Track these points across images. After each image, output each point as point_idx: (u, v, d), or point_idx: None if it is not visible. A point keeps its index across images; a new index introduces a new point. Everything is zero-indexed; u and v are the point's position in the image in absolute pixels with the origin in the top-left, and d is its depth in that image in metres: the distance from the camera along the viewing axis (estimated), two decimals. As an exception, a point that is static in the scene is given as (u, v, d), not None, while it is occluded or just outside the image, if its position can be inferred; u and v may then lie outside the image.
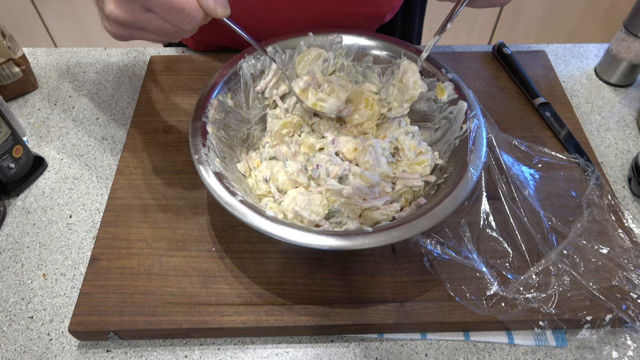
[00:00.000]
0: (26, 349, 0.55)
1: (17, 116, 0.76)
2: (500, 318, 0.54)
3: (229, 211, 0.51)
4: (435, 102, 0.65)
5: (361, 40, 0.69)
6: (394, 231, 0.50)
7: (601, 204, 0.63)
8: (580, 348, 0.55)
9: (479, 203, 0.63)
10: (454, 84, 0.63)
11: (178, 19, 0.47)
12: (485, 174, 0.65)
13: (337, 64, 0.69)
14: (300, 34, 0.68)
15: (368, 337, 0.56)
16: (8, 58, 0.74)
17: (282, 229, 0.50)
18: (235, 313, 0.55)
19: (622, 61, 0.79)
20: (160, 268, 0.58)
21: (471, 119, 0.59)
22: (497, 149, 0.68)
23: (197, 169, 0.54)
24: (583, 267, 0.58)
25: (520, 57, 0.82)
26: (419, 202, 0.58)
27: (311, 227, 0.54)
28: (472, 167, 0.55)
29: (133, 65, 0.84)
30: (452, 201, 0.52)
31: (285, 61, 0.68)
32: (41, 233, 0.63)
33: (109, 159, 0.71)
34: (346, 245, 0.49)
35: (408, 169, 0.62)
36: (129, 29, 0.49)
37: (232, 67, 0.65)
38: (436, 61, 0.65)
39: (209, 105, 0.60)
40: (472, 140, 0.57)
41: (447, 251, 0.58)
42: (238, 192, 0.54)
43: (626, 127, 0.76)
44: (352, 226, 0.57)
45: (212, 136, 0.59)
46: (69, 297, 0.58)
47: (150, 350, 0.55)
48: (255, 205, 0.53)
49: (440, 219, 0.51)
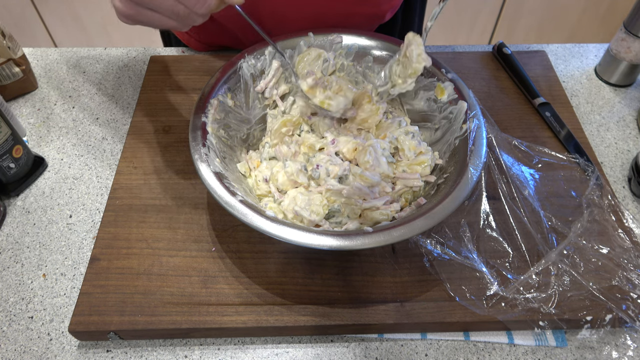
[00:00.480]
0: (26, 349, 0.55)
1: (17, 116, 0.76)
2: (500, 318, 0.54)
3: (229, 211, 0.51)
4: (435, 102, 0.65)
5: (361, 40, 0.69)
6: (394, 231, 0.50)
7: (601, 204, 0.63)
8: (580, 348, 0.55)
9: (479, 203, 0.63)
10: (454, 84, 0.63)
11: (192, 1, 0.46)
12: (485, 174, 0.65)
13: (337, 64, 0.69)
14: (300, 34, 0.68)
15: (368, 337, 0.56)
16: (8, 58, 0.74)
17: (282, 229, 0.50)
18: (235, 313, 0.55)
19: (622, 61, 0.79)
20: (160, 268, 0.58)
21: (471, 119, 0.59)
22: (497, 149, 0.68)
23: (197, 168, 0.54)
24: (583, 267, 0.58)
25: (520, 57, 0.82)
26: (419, 202, 0.58)
27: (311, 227, 0.54)
28: (472, 167, 0.55)
29: (133, 65, 0.84)
30: (452, 201, 0.52)
31: (285, 61, 0.68)
32: (41, 233, 0.63)
33: (109, 159, 0.71)
34: (346, 245, 0.49)
35: (408, 169, 0.62)
36: (140, 7, 0.47)
37: (232, 67, 0.65)
38: (436, 61, 0.65)
39: (209, 105, 0.60)
40: (472, 140, 0.57)
41: (447, 251, 0.58)
42: (238, 192, 0.54)
43: (626, 127, 0.76)
44: (352, 226, 0.57)
45: (212, 136, 0.59)
46: (69, 297, 0.58)
47: (150, 350, 0.55)
48: (255, 205, 0.53)
49: (440, 219, 0.51)
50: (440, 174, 0.60)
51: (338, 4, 0.73)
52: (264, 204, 0.59)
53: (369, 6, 0.76)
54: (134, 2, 0.47)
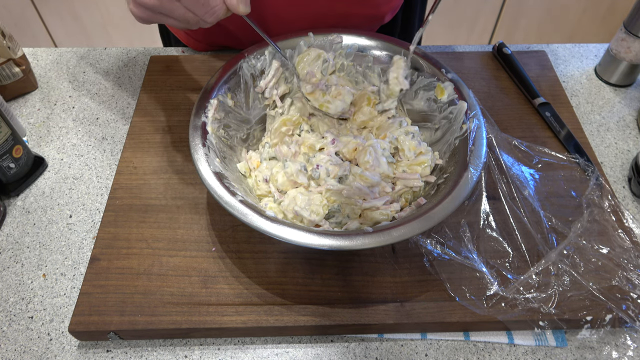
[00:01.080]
0: (26, 349, 0.55)
1: (17, 116, 0.76)
2: (500, 318, 0.54)
3: (229, 211, 0.51)
4: (435, 102, 0.65)
5: (361, 40, 0.69)
6: (394, 231, 0.50)
7: (601, 204, 0.63)
8: (580, 348, 0.55)
9: (479, 203, 0.63)
10: (454, 84, 0.63)
11: (202, 11, 0.50)
12: (485, 174, 0.65)
13: (337, 64, 0.69)
14: (300, 34, 0.68)
15: (368, 337, 0.56)
16: (8, 58, 0.74)
17: (282, 229, 0.50)
18: (235, 313, 0.55)
19: (622, 61, 0.79)
20: (160, 268, 0.58)
21: (471, 119, 0.59)
22: (497, 149, 0.68)
23: (196, 168, 0.54)
24: (583, 267, 0.58)
25: (520, 57, 0.82)
26: (419, 202, 0.58)
27: (311, 227, 0.54)
28: (472, 167, 0.55)
29: (133, 65, 0.84)
30: (452, 201, 0.52)
31: (285, 61, 0.68)
32: (41, 233, 0.63)
33: (109, 159, 0.71)
34: (346, 245, 0.49)
35: (408, 169, 0.62)
36: (153, 12, 0.51)
37: (232, 67, 0.65)
38: (436, 61, 0.65)
39: (208, 105, 0.60)
40: (472, 140, 0.57)
41: (447, 251, 0.58)
42: (238, 192, 0.54)
43: (626, 127, 0.76)
44: (352, 226, 0.57)
45: (212, 136, 0.59)
46: (69, 297, 0.58)
47: (150, 350, 0.55)
48: (255, 206, 0.53)
49: (440, 219, 0.51)
50: (440, 174, 0.60)
51: (338, 5, 0.74)
52: (264, 204, 0.59)
53: (368, 7, 0.76)
54: (148, 9, 0.50)
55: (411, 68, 0.66)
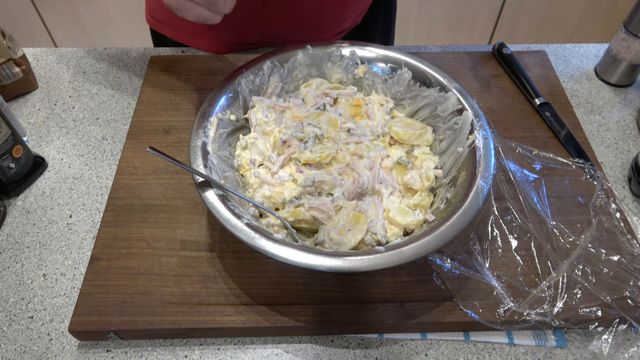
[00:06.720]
0: (26, 349, 0.55)
1: (17, 116, 0.76)
2: (513, 330, 0.54)
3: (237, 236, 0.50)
4: (439, 115, 0.65)
5: (360, 51, 0.69)
6: (407, 249, 0.49)
7: (608, 210, 0.63)
8: (581, 348, 0.55)
9: (488, 215, 0.62)
10: (458, 94, 0.63)
11: None
12: (494, 186, 0.64)
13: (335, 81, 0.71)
14: (299, 46, 0.68)
15: (368, 337, 0.56)
16: (8, 58, 0.74)
17: (294, 252, 0.49)
18: (235, 313, 0.55)
19: (622, 61, 0.79)
20: (160, 268, 0.58)
21: (478, 129, 0.59)
22: (503, 157, 0.67)
23: (200, 194, 0.54)
24: (594, 277, 0.57)
25: (520, 57, 0.82)
26: (428, 219, 0.57)
27: (322, 250, 0.52)
28: (482, 180, 0.54)
29: (133, 65, 0.84)
30: (464, 215, 0.52)
31: (284, 76, 0.68)
32: (41, 233, 0.63)
33: (109, 159, 0.71)
34: (358, 267, 0.48)
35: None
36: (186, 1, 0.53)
37: (229, 83, 0.64)
38: (440, 72, 0.65)
39: (208, 123, 0.60)
40: (480, 151, 0.57)
41: (458, 265, 0.57)
42: (244, 215, 0.53)
43: (626, 127, 0.76)
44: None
45: (214, 156, 0.58)
46: (69, 297, 0.58)
47: (150, 350, 0.55)
48: (264, 228, 0.53)
49: (453, 236, 0.50)
50: (449, 187, 0.59)
51: None
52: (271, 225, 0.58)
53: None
54: None
55: (418, 82, 0.67)
